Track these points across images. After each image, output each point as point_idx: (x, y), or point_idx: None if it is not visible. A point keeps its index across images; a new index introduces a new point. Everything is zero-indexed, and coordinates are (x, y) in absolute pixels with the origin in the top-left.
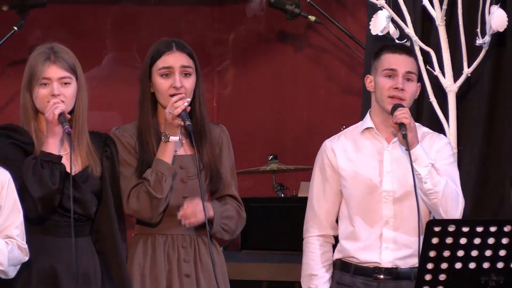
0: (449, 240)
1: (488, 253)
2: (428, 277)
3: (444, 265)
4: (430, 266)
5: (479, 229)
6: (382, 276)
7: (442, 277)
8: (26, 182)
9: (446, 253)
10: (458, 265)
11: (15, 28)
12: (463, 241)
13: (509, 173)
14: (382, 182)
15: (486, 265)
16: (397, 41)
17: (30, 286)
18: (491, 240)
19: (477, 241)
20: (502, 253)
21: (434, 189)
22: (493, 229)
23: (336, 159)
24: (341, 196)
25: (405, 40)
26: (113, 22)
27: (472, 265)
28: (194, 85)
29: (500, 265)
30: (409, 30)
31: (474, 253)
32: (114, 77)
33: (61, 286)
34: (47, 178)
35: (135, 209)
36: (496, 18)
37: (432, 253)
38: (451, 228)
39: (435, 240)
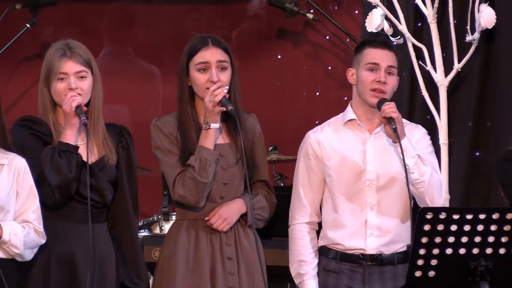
0: (440, 227)
1: (477, 239)
2: (420, 262)
3: (435, 251)
4: (422, 251)
5: (469, 216)
6: (367, 262)
7: (434, 262)
8: (44, 170)
9: (438, 239)
10: (449, 251)
11: (28, 25)
12: (453, 227)
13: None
14: (365, 171)
15: (475, 250)
16: (391, 38)
17: (50, 270)
18: (480, 227)
19: (466, 227)
20: (491, 239)
21: (420, 179)
22: (482, 216)
23: (320, 149)
24: (325, 184)
25: (398, 36)
26: (117, 19)
27: (462, 251)
28: (230, 77)
29: (488, 250)
30: (402, 27)
31: (464, 239)
32: (113, 71)
33: (78, 269)
34: (64, 167)
35: (181, 194)
36: (485, 16)
37: (424, 239)
38: (442, 216)
39: (427, 227)
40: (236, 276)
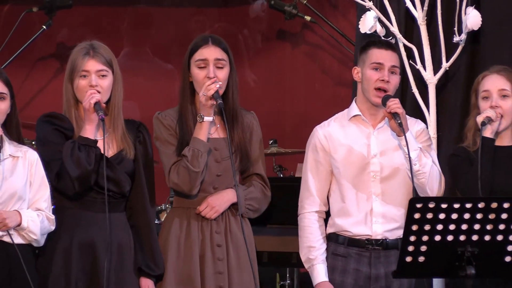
0: (429, 215)
1: (464, 227)
2: (410, 248)
3: (425, 238)
4: (412, 238)
5: (456, 206)
6: (374, 247)
7: (423, 248)
8: (65, 163)
9: (427, 227)
10: (438, 238)
11: (44, 27)
12: (441, 216)
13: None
14: (370, 163)
15: (462, 237)
16: (383, 38)
17: (71, 255)
18: (466, 215)
19: (454, 216)
20: (477, 227)
21: (422, 170)
22: (468, 205)
23: (327, 143)
24: (332, 175)
25: (391, 37)
26: (129, 22)
27: (450, 238)
28: (227, 76)
29: (474, 237)
30: (394, 28)
31: (452, 226)
32: (130, 70)
33: (98, 255)
34: (83, 160)
35: (175, 182)
36: (472, 18)
37: (414, 227)
38: (431, 205)
39: (417, 215)
40: (225, 261)
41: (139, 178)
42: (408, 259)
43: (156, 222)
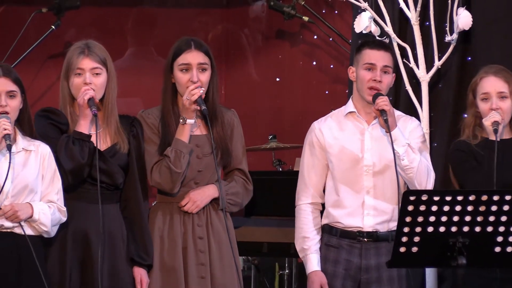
0: (422, 208)
1: (455, 218)
2: (404, 239)
3: (418, 229)
4: (406, 229)
5: (448, 198)
6: (364, 239)
7: (416, 239)
8: (59, 156)
9: (420, 219)
10: (430, 229)
11: (53, 27)
12: (434, 208)
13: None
14: (363, 158)
15: (453, 228)
16: (378, 38)
17: (67, 244)
18: (458, 208)
19: (446, 208)
20: (468, 218)
21: (410, 165)
22: (459, 198)
23: (323, 137)
24: (328, 169)
25: (385, 37)
26: (134, 22)
27: (442, 229)
28: (209, 78)
29: (465, 228)
30: (388, 28)
31: (444, 218)
32: (135, 68)
33: (91, 244)
34: (77, 153)
35: (157, 181)
36: (462, 19)
37: (408, 219)
38: (424, 197)
39: (410, 208)
40: (207, 253)
41: (132, 171)
42: (402, 249)
43: None
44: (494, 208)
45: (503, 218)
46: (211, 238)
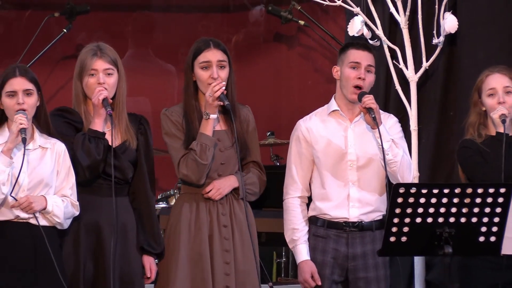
0: (411, 200)
1: (442, 210)
2: (394, 229)
3: (407, 220)
4: (396, 220)
5: (435, 191)
6: (350, 229)
7: (406, 229)
8: (76, 153)
9: (409, 210)
10: (418, 220)
11: (65, 30)
12: (422, 200)
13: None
14: (347, 153)
15: (440, 219)
16: (370, 41)
17: (80, 236)
18: (444, 200)
19: (433, 200)
20: (454, 210)
21: (394, 159)
22: (446, 191)
23: (309, 134)
24: (313, 164)
25: (376, 39)
26: (142, 25)
27: (429, 220)
28: (227, 74)
29: (451, 219)
30: (379, 32)
31: (431, 210)
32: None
33: (103, 236)
34: (93, 150)
35: (185, 173)
36: (449, 22)
37: (397, 210)
38: (413, 190)
39: (400, 200)
40: (231, 240)
41: (140, 166)
42: (392, 239)
43: (165, 206)
44: (478, 200)
45: (487, 210)
46: (234, 226)
